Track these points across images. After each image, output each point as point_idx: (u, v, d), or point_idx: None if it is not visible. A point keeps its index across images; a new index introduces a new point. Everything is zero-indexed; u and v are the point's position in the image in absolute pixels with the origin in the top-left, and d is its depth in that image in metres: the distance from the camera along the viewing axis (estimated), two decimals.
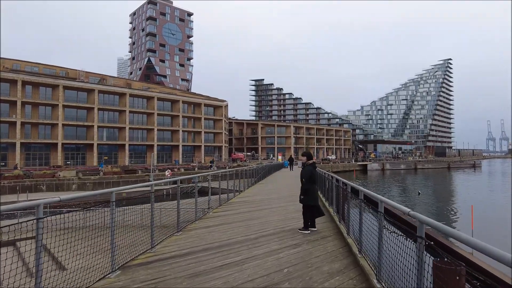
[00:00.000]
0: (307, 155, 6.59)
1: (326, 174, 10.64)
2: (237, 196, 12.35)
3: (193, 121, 65.74)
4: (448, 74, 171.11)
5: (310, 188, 6.34)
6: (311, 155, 6.80)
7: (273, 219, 7.48)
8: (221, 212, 8.56)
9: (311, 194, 6.35)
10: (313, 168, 6.56)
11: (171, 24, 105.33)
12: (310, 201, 6.28)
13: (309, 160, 6.49)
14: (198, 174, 11.32)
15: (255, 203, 10.27)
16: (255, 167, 21.94)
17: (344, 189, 6.53)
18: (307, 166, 6.54)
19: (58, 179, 31.89)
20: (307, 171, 6.36)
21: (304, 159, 6.57)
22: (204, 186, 19.24)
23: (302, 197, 6.36)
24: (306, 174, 6.31)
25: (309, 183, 6.28)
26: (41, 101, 46.53)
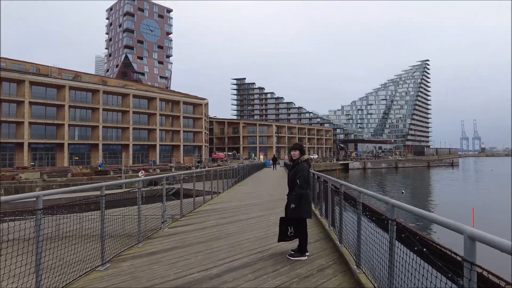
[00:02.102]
0: (300, 149, 4.78)
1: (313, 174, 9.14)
2: (208, 202, 10.23)
3: (172, 120, 63.31)
4: (426, 75, 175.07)
5: (305, 194, 4.56)
6: (304, 149, 4.91)
7: (249, 238, 5.54)
8: (180, 227, 6.47)
9: (306, 202, 4.57)
10: (309, 166, 4.77)
11: (150, 20, 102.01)
12: (304, 212, 4.53)
13: (302, 155, 4.73)
14: (166, 174, 9.59)
15: (229, 211, 8.39)
16: (236, 166, 20.45)
17: (336, 190, 5.08)
18: (302, 163, 4.69)
19: (19, 181, 29.14)
20: (303, 169, 4.57)
21: (296, 154, 4.72)
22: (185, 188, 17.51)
23: (293, 207, 4.48)
24: (301, 174, 4.52)
25: (303, 186, 4.51)
26: (5, 97, 43.02)
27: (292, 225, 4.56)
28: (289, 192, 4.69)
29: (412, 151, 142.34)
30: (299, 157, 4.69)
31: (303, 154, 4.74)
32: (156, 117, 58.77)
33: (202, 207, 9.24)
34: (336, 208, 5.44)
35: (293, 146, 4.84)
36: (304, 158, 4.71)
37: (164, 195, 6.00)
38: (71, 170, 34.44)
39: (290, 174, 4.71)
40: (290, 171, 4.76)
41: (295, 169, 4.63)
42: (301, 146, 4.81)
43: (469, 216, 14.55)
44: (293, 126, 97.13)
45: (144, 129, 58.30)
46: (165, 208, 6.17)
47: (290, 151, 4.83)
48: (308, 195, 4.60)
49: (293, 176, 4.59)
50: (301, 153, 4.72)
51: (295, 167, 4.65)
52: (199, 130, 67.05)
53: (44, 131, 47.53)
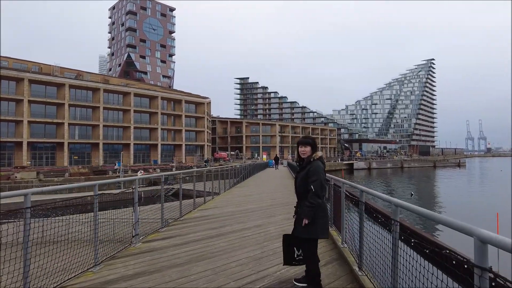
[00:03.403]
0: (312, 144, 3.45)
1: None
2: (200, 207, 8.99)
3: (173, 119, 62.39)
4: (431, 74, 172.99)
5: (321, 206, 3.23)
6: (317, 144, 3.58)
7: (240, 258, 4.29)
8: (157, 241, 5.21)
9: (323, 217, 3.25)
10: (324, 167, 3.43)
11: (152, 19, 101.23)
12: (321, 231, 3.23)
13: (315, 152, 3.42)
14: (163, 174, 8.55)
15: (221, 219, 7.11)
16: (238, 166, 19.48)
17: (353, 198, 4.06)
18: (315, 162, 3.33)
19: (14, 181, 28.34)
20: (317, 170, 3.24)
21: (306, 151, 3.39)
22: (184, 189, 16.49)
23: (307, 223, 3.16)
24: (316, 178, 3.19)
25: (319, 194, 3.18)
26: (4, 95, 42.29)
27: (300, 245, 3.38)
28: (299, 202, 3.40)
29: (417, 151, 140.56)
30: (310, 154, 3.36)
31: (315, 150, 3.42)
32: (157, 116, 57.90)
33: (191, 214, 7.99)
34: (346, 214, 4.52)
35: (303, 140, 3.48)
36: (318, 155, 3.39)
37: (136, 201, 4.89)
38: (68, 170, 33.62)
39: (299, 177, 3.37)
40: (299, 173, 3.43)
41: (306, 170, 3.29)
42: (313, 140, 3.48)
43: (493, 221, 13.41)
44: (296, 126, 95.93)
45: (145, 128, 57.44)
46: (137, 218, 4.95)
47: (298, 146, 3.48)
48: (325, 207, 3.30)
49: (304, 180, 3.27)
50: (313, 149, 3.40)
51: (306, 168, 3.31)
52: (202, 129, 66.09)
53: (44, 130, 46.80)
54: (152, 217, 6.85)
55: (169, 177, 32.06)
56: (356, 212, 4.04)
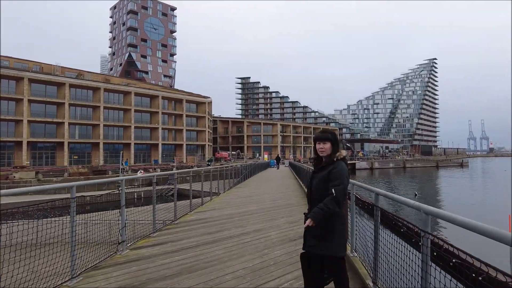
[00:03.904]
0: (333, 139, 2.80)
1: None
2: (196, 209, 8.41)
3: (174, 118, 62.03)
4: (434, 74, 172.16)
5: (338, 216, 2.65)
6: (338, 140, 2.87)
7: (237, 269, 3.78)
8: (147, 248, 4.74)
9: (342, 230, 2.68)
10: (348, 170, 2.80)
11: (153, 19, 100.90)
12: (339, 247, 2.63)
13: (339, 151, 2.79)
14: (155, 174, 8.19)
15: (219, 223, 6.58)
16: (239, 166, 19.09)
17: (365, 204, 3.62)
18: (338, 163, 2.69)
19: (12, 181, 28.02)
20: (341, 173, 2.64)
21: (325, 149, 2.75)
22: (183, 188, 16.06)
23: (322, 237, 2.61)
24: (340, 182, 2.60)
25: (339, 201, 2.57)
26: (4, 95, 42.00)
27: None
28: (311, 208, 2.74)
29: (419, 151, 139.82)
30: (331, 152, 2.72)
31: (337, 148, 2.77)
32: (158, 116, 57.56)
33: (187, 217, 7.43)
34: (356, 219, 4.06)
35: (321, 135, 2.80)
36: (342, 154, 2.76)
37: (122, 204, 4.40)
38: (67, 170, 33.28)
39: (316, 179, 2.73)
40: (316, 173, 2.78)
41: (327, 171, 2.65)
42: (333, 136, 2.82)
43: (504, 222, 12.94)
44: (298, 125, 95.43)
45: (146, 128, 57.09)
46: (125, 223, 4.48)
47: (315, 142, 2.82)
48: (343, 216, 2.70)
49: (323, 182, 2.63)
50: (334, 147, 2.75)
51: (326, 169, 2.67)
52: (203, 129, 65.71)
53: (44, 129, 46.52)
54: (147, 218, 6.43)
55: (169, 177, 31.70)
56: (365, 216, 3.68)
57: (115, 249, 4.33)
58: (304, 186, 13.66)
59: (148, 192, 28.71)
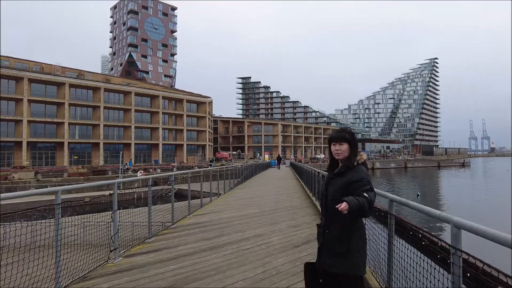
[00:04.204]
0: (350, 140, 2.39)
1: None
2: (195, 212, 8.07)
3: (175, 118, 61.80)
4: (435, 73, 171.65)
5: (360, 229, 2.29)
6: (356, 140, 2.44)
7: (237, 280, 3.50)
8: (141, 255, 4.45)
9: (363, 246, 2.27)
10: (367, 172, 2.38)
11: (154, 18, 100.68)
12: (359, 265, 2.20)
13: (357, 153, 2.40)
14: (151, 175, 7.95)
15: (218, 227, 6.24)
16: (240, 166, 18.85)
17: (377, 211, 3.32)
18: (359, 168, 2.31)
19: (11, 182, 27.81)
20: (365, 178, 2.24)
21: (342, 151, 2.36)
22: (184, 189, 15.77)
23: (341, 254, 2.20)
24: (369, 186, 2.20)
25: (371, 207, 2.14)
26: (3, 95, 41.81)
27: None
28: (327, 221, 2.32)
29: (420, 151, 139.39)
30: (349, 155, 2.34)
31: (356, 150, 2.38)
32: (158, 116, 57.33)
33: (185, 220, 7.10)
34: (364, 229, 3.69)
35: (338, 134, 2.41)
36: (363, 158, 2.36)
37: (115, 209, 4.11)
38: (67, 170, 33.07)
39: (334, 185, 2.32)
40: (333, 179, 2.35)
41: (346, 180, 2.25)
42: (351, 136, 2.41)
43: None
44: (299, 125, 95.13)
45: (146, 128, 56.87)
46: (117, 229, 4.16)
47: (330, 144, 2.44)
48: (364, 229, 2.32)
49: (341, 193, 2.22)
50: (352, 149, 2.36)
51: (345, 176, 2.27)
52: (203, 129, 65.48)
53: (44, 129, 46.34)
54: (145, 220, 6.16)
55: (169, 177, 31.46)
56: (373, 220, 3.38)
57: (107, 256, 4.04)
58: (306, 187, 13.37)
59: (145, 193, 28.49)
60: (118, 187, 17.71)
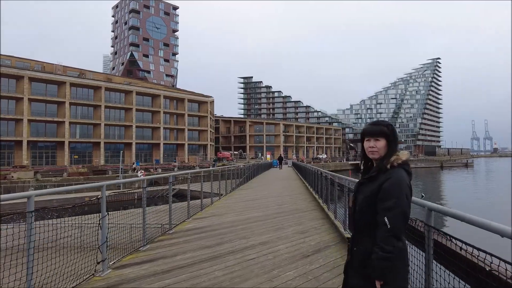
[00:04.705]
0: (387, 134, 1.87)
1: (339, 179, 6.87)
2: (195, 216, 7.57)
3: (176, 118, 61.42)
4: (437, 73, 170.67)
5: (402, 251, 1.68)
6: (396, 136, 1.90)
7: None
8: (134, 266, 4.01)
9: (403, 272, 1.66)
10: (410, 179, 1.81)
11: (156, 18, 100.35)
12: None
13: (396, 151, 1.86)
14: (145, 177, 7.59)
15: (219, 233, 5.78)
16: (241, 166, 18.41)
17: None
18: (394, 172, 1.78)
19: (11, 181, 27.45)
20: (396, 188, 1.72)
21: (378, 147, 1.86)
22: (184, 189, 15.37)
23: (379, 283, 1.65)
24: (396, 202, 1.70)
25: (398, 232, 1.67)
26: (3, 93, 41.49)
27: None
28: (357, 238, 1.91)
29: (423, 151, 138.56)
30: (386, 154, 1.87)
31: (395, 147, 1.89)
32: (160, 115, 56.96)
33: (184, 225, 6.60)
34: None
35: (373, 127, 1.93)
36: (402, 157, 1.84)
37: (104, 215, 3.62)
38: (67, 170, 32.71)
39: (362, 193, 1.89)
40: (362, 185, 1.93)
41: (377, 184, 1.81)
42: (390, 129, 1.91)
43: None
44: (301, 125, 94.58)
45: (147, 128, 56.51)
46: (106, 238, 3.66)
47: (363, 139, 1.98)
48: (404, 251, 1.74)
49: (370, 202, 1.81)
50: (390, 146, 1.88)
51: (377, 180, 1.83)
52: (205, 128, 65.07)
53: (44, 129, 46.03)
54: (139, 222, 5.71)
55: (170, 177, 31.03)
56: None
57: (94, 269, 3.57)
58: (311, 188, 12.90)
59: (149, 193, 28.08)
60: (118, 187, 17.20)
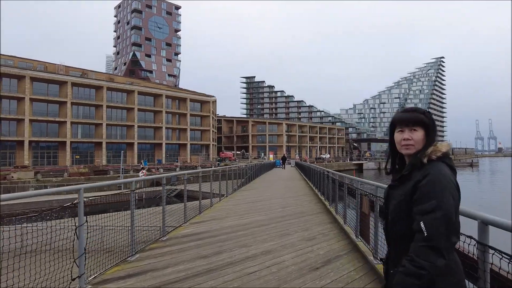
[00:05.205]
0: (425, 123, 1.44)
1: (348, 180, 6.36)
2: (192, 220, 7.04)
3: (178, 118, 61.01)
4: (441, 73, 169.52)
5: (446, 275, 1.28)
6: (435, 124, 1.46)
7: None
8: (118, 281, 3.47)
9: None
10: (455, 176, 1.36)
11: (158, 17, 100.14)
12: None
13: (434, 143, 1.41)
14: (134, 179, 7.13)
15: (218, 240, 5.27)
16: (244, 166, 17.93)
17: None
18: (433, 166, 1.35)
19: (10, 182, 27.12)
20: (437, 186, 1.28)
21: (414, 140, 1.42)
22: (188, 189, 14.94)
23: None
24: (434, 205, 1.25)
25: (441, 244, 1.22)
26: (5, 93, 41.27)
27: None
28: (393, 252, 1.46)
29: None
30: (424, 147, 1.42)
31: (433, 138, 1.44)
32: (162, 115, 56.58)
33: (179, 230, 6.05)
34: None
35: (408, 114, 1.46)
36: (441, 149, 1.37)
37: (81, 222, 3.07)
38: (67, 170, 32.36)
39: (395, 198, 1.45)
40: (394, 189, 1.48)
41: (411, 184, 1.36)
42: (428, 117, 1.45)
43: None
44: (304, 125, 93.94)
45: (149, 127, 56.15)
46: (84, 249, 3.12)
47: (392, 129, 1.53)
48: (454, 268, 1.32)
49: (404, 207, 1.37)
50: (428, 135, 1.43)
51: (411, 180, 1.38)
52: (207, 128, 64.64)
53: (46, 129, 45.78)
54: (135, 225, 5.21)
55: (172, 178, 30.54)
56: None
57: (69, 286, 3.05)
58: (316, 189, 12.35)
59: (150, 193, 27.60)
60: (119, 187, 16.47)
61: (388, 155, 1.59)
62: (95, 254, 3.98)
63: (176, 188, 28.73)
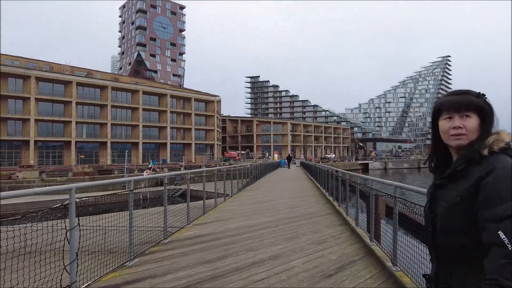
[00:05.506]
0: (479, 107, 1.15)
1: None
2: (196, 221, 6.76)
3: (183, 117, 60.91)
4: (447, 71, 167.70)
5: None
6: (492, 110, 1.18)
7: None
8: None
9: None
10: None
11: (162, 17, 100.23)
12: None
13: (492, 129, 1.14)
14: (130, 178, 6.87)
15: (223, 242, 4.98)
16: (249, 166, 17.67)
17: None
18: (495, 159, 1.05)
19: (16, 181, 27.12)
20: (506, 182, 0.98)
21: (467, 128, 1.14)
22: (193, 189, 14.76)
23: None
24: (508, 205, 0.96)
25: None
26: (10, 93, 41.44)
27: None
28: (444, 271, 1.12)
29: None
30: (479, 138, 1.12)
31: (490, 127, 1.14)
32: (166, 115, 56.51)
33: (182, 232, 5.75)
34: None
35: (459, 97, 1.18)
36: (504, 138, 1.09)
37: (72, 225, 2.82)
38: (72, 169, 32.33)
39: (444, 205, 1.13)
40: (442, 189, 1.17)
41: (471, 182, 1.06)
42: (483, 102, 1.16)
43: None
44: (308, 124, 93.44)
45: (154, 127, 56.11)
46: (75, 256, 2.83)
47: (436, 116, 1.25)
48: None
49: (461, 211, 1.07)
50: (484, 125, 1.14)
51: (468, 176, 1.09)
52: (211, 128, 64.47)
53: (51, 128, 45.92)
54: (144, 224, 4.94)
55: (176, 177, 30.37)
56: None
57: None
58: (324, 189, 12.01)
59: (154, 193, 27.44)
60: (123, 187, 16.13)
61: (434, 148, 1.28)
62: (93, 257, 3.71)
63: (180, 188, 28.57)
